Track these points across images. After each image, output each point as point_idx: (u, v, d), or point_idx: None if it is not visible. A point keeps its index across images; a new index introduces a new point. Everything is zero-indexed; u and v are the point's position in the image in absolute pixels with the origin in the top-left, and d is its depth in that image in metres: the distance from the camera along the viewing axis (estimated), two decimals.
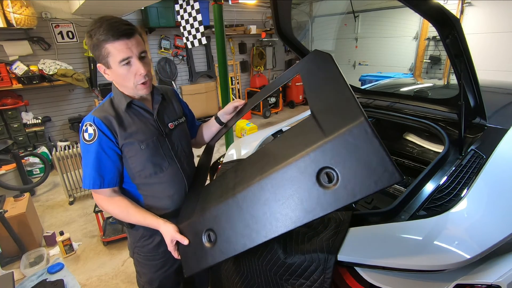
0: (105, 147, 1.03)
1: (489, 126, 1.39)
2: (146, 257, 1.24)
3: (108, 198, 1.08)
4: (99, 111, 1.05)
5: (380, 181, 0.63)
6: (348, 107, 0.72)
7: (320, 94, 0.90)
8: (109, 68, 0.99)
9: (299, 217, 0.73)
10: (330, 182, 0.68)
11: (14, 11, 3.78)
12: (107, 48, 0.94)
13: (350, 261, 0.91)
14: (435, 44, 5.25)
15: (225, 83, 3.57)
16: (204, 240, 0.93)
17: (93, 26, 0.95)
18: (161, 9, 4.95)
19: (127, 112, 1.08)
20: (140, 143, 1.07)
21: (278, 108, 7.05)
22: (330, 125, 0.72)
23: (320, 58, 1.03)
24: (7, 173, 3.40)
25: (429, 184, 1.14)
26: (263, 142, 1.94)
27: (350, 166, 0.65)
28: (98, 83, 4.92)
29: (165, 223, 1.05)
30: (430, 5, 1.04)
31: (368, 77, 5.13)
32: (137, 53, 0.98)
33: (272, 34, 6.81)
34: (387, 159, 0.62)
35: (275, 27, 1.43)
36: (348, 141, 0.65)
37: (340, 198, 0.67)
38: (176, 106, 1.26)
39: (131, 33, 0.95)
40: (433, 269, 0.85)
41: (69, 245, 2.54)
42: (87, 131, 1.02)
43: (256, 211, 0.81)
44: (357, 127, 0.64)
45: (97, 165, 1.03)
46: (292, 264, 0.96)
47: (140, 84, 1.02)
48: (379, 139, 0.63)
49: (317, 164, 0.69)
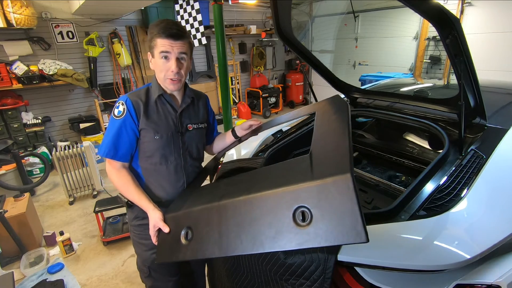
0: (128, 126, 1.16)
1: (489, 126, 1.38)
2: (139, 236, 1.33)
3: (117, 170, 1.20)
4: (134, 95, 1.20)
5: (346, 236, 0.66)
6: (341, 159, 0.76)
7: (324, 138, 0.97)
8: (153, 57, 1.16)
9: (266, 244, 0.77)
10: (304, 221, 0.72)
11: (14, 11, 3.78)
12: (156, 41, 1.11)
13: (350, 261, 0.91)
14: (435, 44, 5.25)
15: (225, 83, 3.57)
16: (182, 235, 0.98)
17: (155, 23, 1.13)
18: (161, 9, 4.95)
19: (157, 102, 1.21)
20: (156, 133, 1.19)
21: (278, 108, 7.06)
22: (320, 170, 0.78)
23: (338, 104, 1.09)
24: (7, 173, 3.40)
25: (429, 184, 1.14)
26: (263, 142, 1.95)
27: (325, 212, 0.69)
28: (98, 83, 4.93)
29: (154, 208, 1.13)
30: (430, 5, 1.04)
31: (368, 77, 5.12)
32: (177, 52, 1.12)
33: (272, 34, 6.81)
34: (359, 218, 0.65)
35: (275, 27, 1.43)
36: (330, 190, 0.70)
37: (308, 240, 0.70)
38: (202, 112, 1.38)
39: (178, 35, 1.11)
40: (433, 269, 0.85)
41: (69, 245, 2.54)
42: (118, 108, 1.17)
43: (233, 225, 0.85)
44: (342, 180, 0.68)
45: (116, 139, 1.16)
46: (292, 264, 0.97)
47: (169, 79, 1.15)
48: (357, 197, 0.67)
49: (297, 201, 0.74)
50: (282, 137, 1.93)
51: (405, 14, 5.38)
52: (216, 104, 6.44)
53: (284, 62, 7.66)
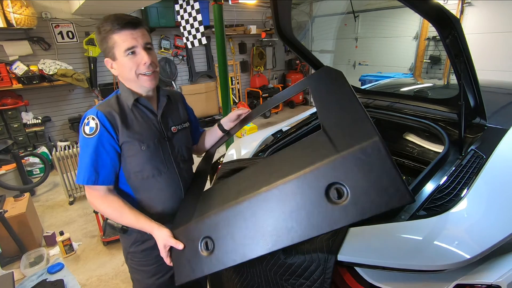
0: (105, 142, 1.00)
1: (489, 126, 1.38)
2: (139, 263, 1.20)
3: (102, 197, 1.04)
4: (104, 106, 1.04)
5: (390, 201, 0.63)
6: (362, 125, 0.72)
7: (331, 110, 0.90)
8: (115, 60, 1.00)
9: (304, 231, 0.72)
10: (340, 198, 0.68)
11: (14, 11, 3.78)
12: (113, 38, 0.96)
13: (350, 261, 0.91)
14: (435, 44, 5.25)
15: (225, 83, 3.57)
16: (200, 247, 0.89)
17: (101, 22, 0.98)
18: (161, 9, 4.95)
19: (132, 110, 1.07)
20: (141, 143, 1.05)
21: (278, 108, 7.05)
22: (343, 141, 0.72)
23: (331, 74, 1.02)
24: (7, 173, 3.40)
25: (429, 184, 1.14)
26: (263, 142, 1.95)
27: (361, 183, 0.65)
28: (98, 83, 4.92)
29: (159, 227, 1.00)
30: (430, 5, 1.04)
31: (368, 77, 5.12)
32: (143, 43, 0.98)
33: (272, 34, 6.81)
34: (399, 180, 0.62)
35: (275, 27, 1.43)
36: (361, 159, 0.65)
37: (349, 215, 0.66)
38: (182, 110, 1.25)
39: (136, 23, 0.97)
40: (433, 269, 0.85)
41: (69, 245, 2.55)
42: (89, 125, 1.00)
43: (261, 221, 0.78)
44: (371, 145, 0.64)
45: (94, 160, 0.99)
46: (292, 264, 0.96)
47: (144, 75, 1.02)
48: (392, 159, 0.63)
49: (327, 179, 0.69)
50: (282, 137, 1.93)
51: (405, 14, 5.37)
52: (216, 104, 6.44)
53: (284, 62, 7.66)
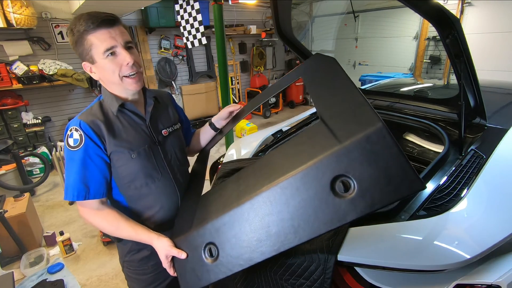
0: (92, 154, 0.94)
1: (489, 126, 1.38)
2: (135, 272, 1.16)
3: (95, 211, 0.98)
4: (87, 114, 0.97)
5: (400, 189, 0.60)
6: (362, 112, 0.68)
7: (328, 99, 0.85)
8: (94, 63, 0.92)
9: (312, 229, 0.69)
10: (346, 191, 0.64)
11: (14, 11, 3.78)
12: (89, 40, 0.89)
13: (350, 261, 0.91)
14: (435, 44, 5.25)
15: (225, 83, 3.57)
16: (204, 255, 0.86)
17: (72, 21, 0.90)
18: (161, 9, 4.95)
19: (118, 116, 1.00)
20: (131, 151, 0.99)
21: (278, 108, 7.05)
22: (344, 131, 0.67)
23: (324, 61, 0.98)
24: (7, 173, 3.40)
25: (429, 184, 1.14)
26: (263, 142, 1.95)
27: (368, 173, 0.62)
28: (98, 83, 4.91)
29: (159, 237, 0.95)
30: (430, 5, 1.04)
31: (368, 77, 5.13)
32: (122, 42, 0.91)
33: (272, 34, 6.81)
34: (408, 166, 0.59)
35: (275, 27, 1.43)
36: (365, 148, 0.61)
37: (358, 208, 0.63)
38: (171, 111, 1.19)
39: (112, 20, 0.90)
40: (433, 269, 0.85)
41: (69, 245, 2.55)
42: (72, 137, 0.93)
43: (266, 222, 0.75)
44: (375, 132, 0.60)
45: (82, 174, 0.93)
46: (292, 264, 0.96)
47: (128, 77, 0.94)
48: (398, 145, 0.60)
49: (331, 172, 0.65)
50: (282, 137, 1.93)
51: (405, 14, 5.38)
52: (216, 104, 6.44)
53: (284, 62, 7.66)
